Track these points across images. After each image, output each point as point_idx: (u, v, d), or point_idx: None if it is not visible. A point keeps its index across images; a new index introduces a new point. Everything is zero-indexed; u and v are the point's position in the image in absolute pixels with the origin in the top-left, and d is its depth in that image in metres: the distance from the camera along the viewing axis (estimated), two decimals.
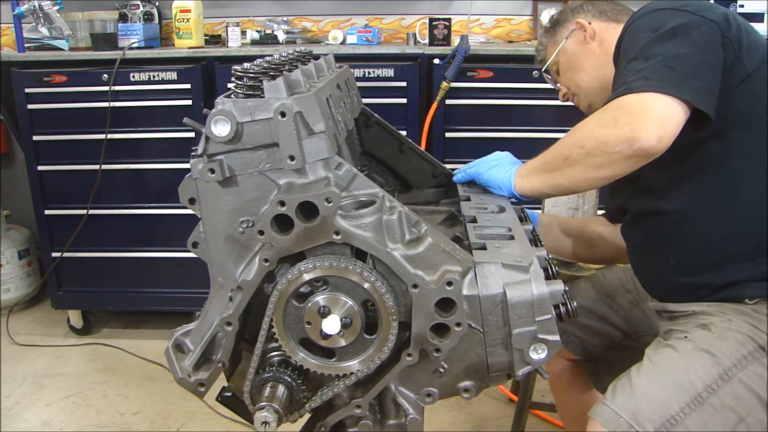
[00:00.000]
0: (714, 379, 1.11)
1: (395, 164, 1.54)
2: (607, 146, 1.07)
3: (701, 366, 1.12)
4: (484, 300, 0.96)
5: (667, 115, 1.05)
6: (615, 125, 1.06)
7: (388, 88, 2.60)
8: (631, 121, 1.05)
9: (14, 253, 3.14)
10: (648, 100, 1.06)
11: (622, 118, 1.06)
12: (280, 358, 1.06)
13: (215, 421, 2.30)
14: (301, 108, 0.96)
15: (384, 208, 0.96)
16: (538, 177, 1.21)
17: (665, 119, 1.05)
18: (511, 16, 3.18)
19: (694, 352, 1.14)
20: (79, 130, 2.68)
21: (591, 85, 1.46)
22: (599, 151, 1.08)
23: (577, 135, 1.14)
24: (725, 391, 1.10)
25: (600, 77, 1.42)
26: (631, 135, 1.04)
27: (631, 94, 1.07)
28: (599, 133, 1.08)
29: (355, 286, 0.97)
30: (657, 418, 1.08)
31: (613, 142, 1.06)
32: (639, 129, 1.04)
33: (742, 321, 1.17)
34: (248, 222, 1.01)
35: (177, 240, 1.84)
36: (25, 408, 2.42)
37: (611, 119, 1.08)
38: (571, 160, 1.13)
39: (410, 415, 1.08)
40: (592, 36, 1.44)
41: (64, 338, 2.97)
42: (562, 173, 1.15)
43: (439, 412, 2.34)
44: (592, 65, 1.45)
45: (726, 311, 1.20)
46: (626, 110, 1.07)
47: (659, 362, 1.15)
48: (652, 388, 1.11)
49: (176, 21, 2.73)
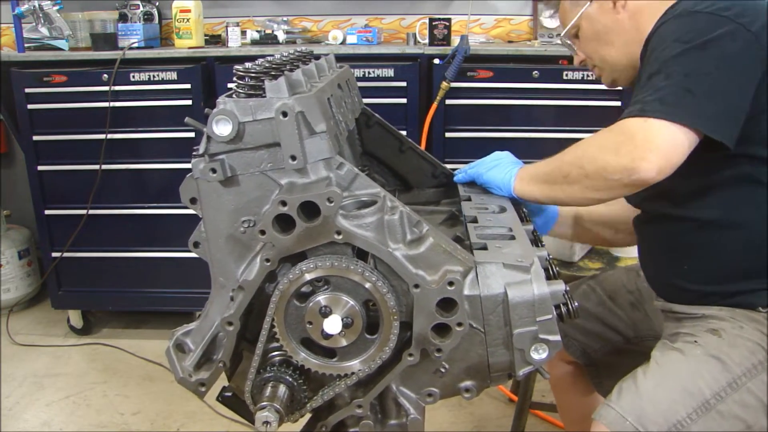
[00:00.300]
0: (723, 386, 1.09)
1: (396, 164, 1.54)
2: (606, 172, 1.06)
3: (710, 372, 1.11)
4: (486, 300, 0.96)
5: (671, 146, 1.03)
6: (617, 153, 1.05)
7: (388, 88, 2.60)
8: (632, 150, 1.03)
9: (14, 253, 3.14)
10: (654, 128, 1.03)
11: (624, 146, 1.05)
12: (282, 358, 1.06)
13: (215, 421, 2.30)
14: (302, 108, 0.96)
15: (385, 208, 0.96)
16: (537, 186, 1.21)
17: (668, 151, 1.03)
18: (511, 16, 3.18)
19: (703, 358, 1.13)
20: (79, 130, 2.67)
21: (618, 61, 1.31)
22: (598, 176, 1.08)
23: (579, 154, 1.12)
24: (733, 399, 1.09)
25: (629, 54, 1.28)
26: (631, 165, 1.03)
27: (641, 117, 1.05)
28: (600, 158, 1.07)
29: (357, 285, 0.97)
30: (663, 422, 1.07)
31: (613, 169, 1.05)
32: (639, 159, 1.03)
33: (753, 329, 1.16)
34: (250, 222, 1.01)
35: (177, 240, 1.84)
36: (25, 408, 2.42)
37: (614, 145, 1.06)
38: (570, 179, 1.13)
39: (411, 414, 1.08)
40: (623, 5, 1.27)
41: (64, 338, 2.97)
42: (561, 188, 1.15)
43: (440, 411, 2.34)
44: (621, 40, 1.29)
45: (737, 317, 1.18)
46: (630, 138, 1.05)
47: (666, 365, 1.14)
48: (659, 391, 1.10)
49: (176, 21, 2.73)
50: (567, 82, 2.57)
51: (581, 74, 2.55)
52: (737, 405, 1.09)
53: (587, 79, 2.54)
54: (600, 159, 1.07)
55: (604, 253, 1.98)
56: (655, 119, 1.04)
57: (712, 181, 1.18)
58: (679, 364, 1.14)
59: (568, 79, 2.57)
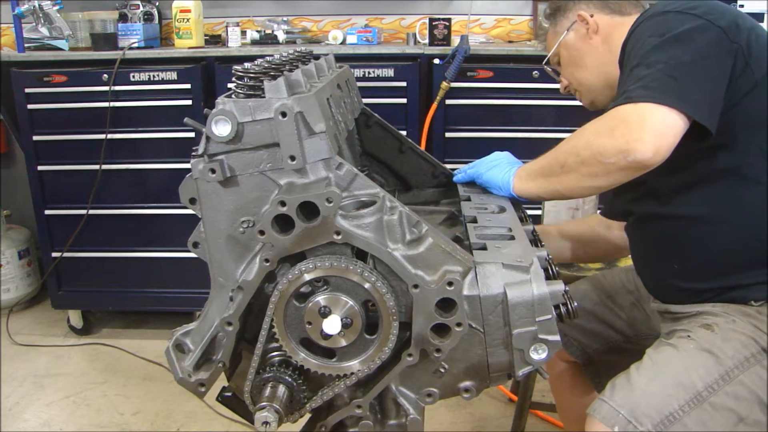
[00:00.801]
0: (715, 379, 1.10)
1: (395, 164, 1.54)
2: (603, 156, 1.07)
3: (702, 366, 1.11)
4: (485, 300, 0.96)
5: (665, 127, 1.05)
6: (611, 136, 1.06)
7: (388, 88, 2.60)
8: (627, 132, 1.04)
9: (14, 253, 3.14)
10: (646, 110, 1.05)
11: (618, 128, 1.06)
12: (281, 358, 1.06)
13: (215, 421, 2.30)
14: (301, 108, 0.96)
15: (385, 208, 0.96)
16: (535, 181, 1.21)
17: (662, 131, 1.04)
18: (511, 16, 3.17)
19: (695, 352, 1.14)
20: (79, 130, 2.68)
21: (593, 83, 1.41)
22: (594, 161, 1.08)
23: (574, 142, 1.13)
24: (726, 392, 1.10)
25: (603, 74, 1.37)
26: (626, 146, 1.04)
27: (630, 103, 1.06)
28: (595, 143, 1.08)
29: (356, 286, 0.97)
30: (655, 415, 1.07)
31: (609, 152, 1.06)
32: (635, 141, 1.03)
33: (746, 323, 1.17)
34: (249, 222, 1.01)
35: (177, 240, 1.84)
36: (25, 408, 2.42)
37: (608, 129, 1.07)
38: (567, 168, 1.13)
39: (411, 415, 1.08)
40: (595, 30, 1.38)
41: (64, 338, 2.97)
42: (559, 179, 1.16)
43: (440, 411, 2.34)
44: (595, 62, 1.39)
45: (730, 312, 1.19)
46: (623, 121, 1.06)
47: (660, 360, 1.15)
48: (652, 386, 1.10)
49: (176, 21, 2.73)
50: None
51: None
52: (730, 397, 1.10)
53: None
54: (595, 144, 1.08)
55: None
56: (645, 103, 1.05)
57: (695, 176, 1.20)
58: (672, 358, 1.14)
59: None
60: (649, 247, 1.34)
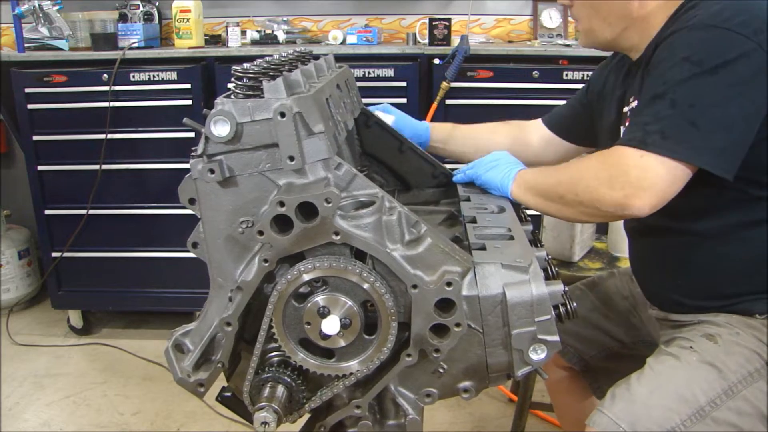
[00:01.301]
0: (718, 393, 1.09)
1: (395, 164, 1.54)
2: (600, 204, 1.07)
3: (705, 379, 1.10)
4: (484, 300, 0.96)
5: (667, 184, 1.03)
6: (611, 186, 1.05)
7: (388, 88, 2.60)
8: (626, 185, 1.03)
9: (14, 253, 3.14)
10: (650, 166, 1.02)
11: (618, 180, 1.04)
12: (280, 359, 1.06)
13: (215, 421, 2.30)
14: (300, 108, 0.96)
15: (383, 208, 0.96)
16: (533, 197, 1.21)
17: (663, 189, 1.03)
18: (511, 16, 3.17)
19: (698, 365, 1.12)
20: (79, 130, 2.68)
21: (603, 36, 1.25)
22: (591, 206, 1.09)
23: (576, 179, 1.12)
24: (728, 407, 1.08)
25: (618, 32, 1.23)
26: (623, 201, 1.04)
27: (638, 150, 1.03)
28: (594, 189, 1.07)
29: (355, 286, 0.97)
30: (656, 429, 1.06)
31: (606, 203, 1.06)
32: (632, 197, 1.03)
33: (750, 336, 1.15)
34: (248, 222, 1.01)
35: (177, 240, 1.84)
36: (25, 408, 2.42)
37: (608, 178, 1.06)
38: (565, 201, 1.13)
39: (410, 415, 1.08)
40: None
41: (64, 338, 2.97)
42: (556, 207, 1.17)
43: (439, 411, 2.34)
44: (620, 22, 1.21)
45: (734, 323, 1.17)
46: (624, 173, 1.04)
47: (661, 371, 1.13)
48: (653, 398, 1.09)
49: (176, 21, 2.73)
50: (567, 82, 2.56)
51: (581, 74, 2.55)
52: (732, 412, 1.08)
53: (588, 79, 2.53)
54: (594, 190, 1.08)
55: (603, 253, 1.98)
56: (654, 154, 1.02)
57: (713, 201, 1.16)
58: (674, 370, 1.13)
59: (568, 79, 2.57)
60: (656, 259, 1.31)
